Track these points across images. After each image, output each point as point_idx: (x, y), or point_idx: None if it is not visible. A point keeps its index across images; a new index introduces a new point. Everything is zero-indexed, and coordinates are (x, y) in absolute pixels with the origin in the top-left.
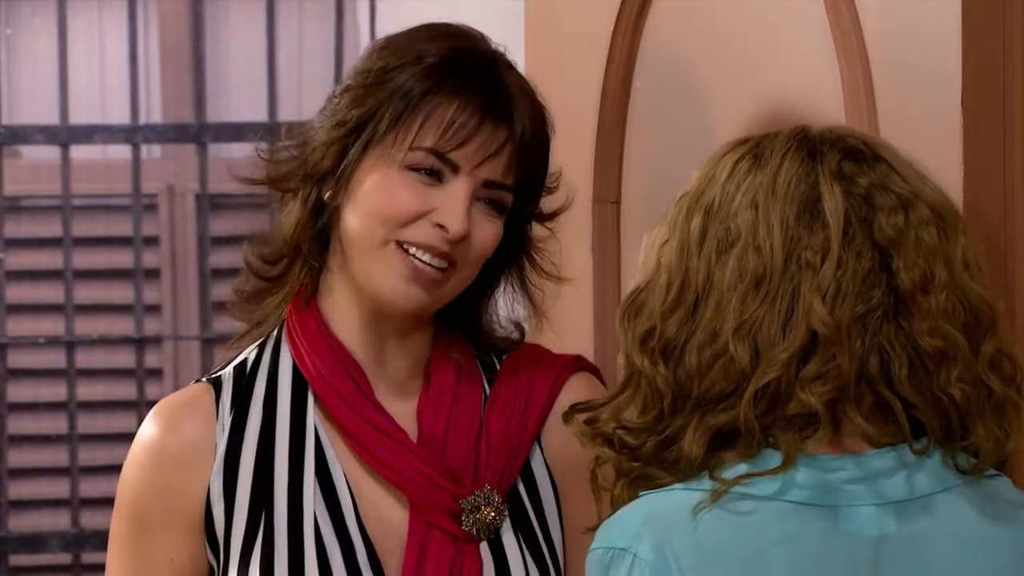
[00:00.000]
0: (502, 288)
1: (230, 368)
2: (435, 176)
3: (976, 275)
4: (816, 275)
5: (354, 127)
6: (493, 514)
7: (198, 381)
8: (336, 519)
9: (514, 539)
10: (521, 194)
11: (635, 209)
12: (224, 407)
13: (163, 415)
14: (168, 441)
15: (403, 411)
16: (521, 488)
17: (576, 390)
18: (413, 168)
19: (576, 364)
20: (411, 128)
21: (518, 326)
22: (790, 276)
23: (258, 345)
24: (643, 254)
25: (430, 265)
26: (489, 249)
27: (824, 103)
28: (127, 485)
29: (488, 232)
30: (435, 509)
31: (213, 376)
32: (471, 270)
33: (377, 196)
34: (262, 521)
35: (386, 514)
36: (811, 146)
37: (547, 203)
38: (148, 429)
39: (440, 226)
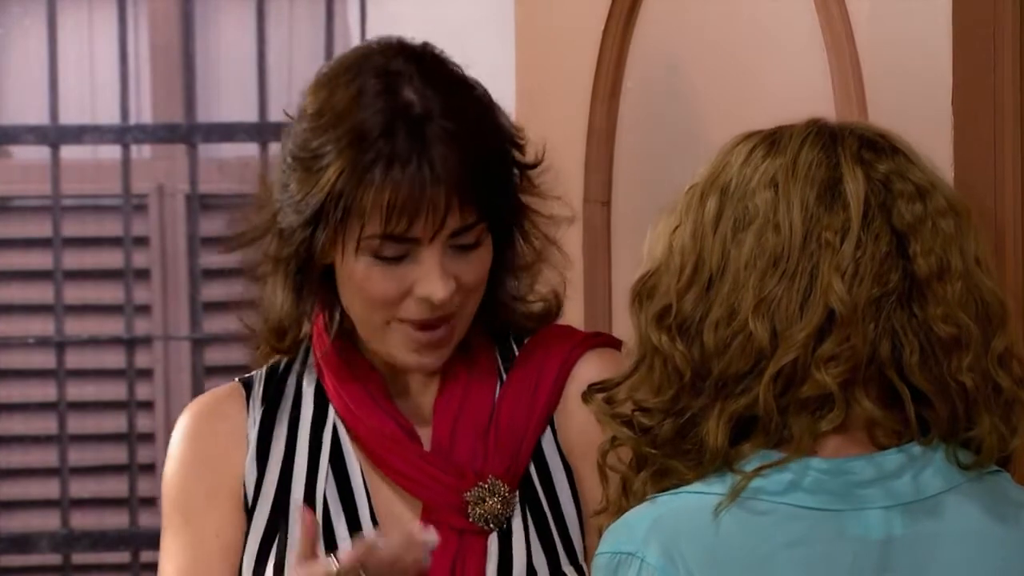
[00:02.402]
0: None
1: (264, 368)
2: (401, 255)
3: (987, 273)
4: (835, 254)
5: (310, 217)
6: (500, 505)
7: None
8: (350, 514)
9: (522, 528)
10: (493, 209)
11: (625, 210)
12: (255, 402)
13: (196, 408)
14: (204, 428)
15: (421, 411)
16: (533, 474)
17: (591, 367)
18: (377, 256)
19: (592, 341)
20: (359, 220)
21: (556, 298)
22: (809, 255)
23: None
24: (648, 244)
25: (433, 328)
26: (482, 277)
27: (815, 105)
28: (168, 479)
29: (473, 268)
30: (444, 507)
31: (245, 377)
32: (474, 302)
33: (359, 286)
34: (280, 519)
35: (398, 511)
36: (831, 132)
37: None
38: (183, 422)
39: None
